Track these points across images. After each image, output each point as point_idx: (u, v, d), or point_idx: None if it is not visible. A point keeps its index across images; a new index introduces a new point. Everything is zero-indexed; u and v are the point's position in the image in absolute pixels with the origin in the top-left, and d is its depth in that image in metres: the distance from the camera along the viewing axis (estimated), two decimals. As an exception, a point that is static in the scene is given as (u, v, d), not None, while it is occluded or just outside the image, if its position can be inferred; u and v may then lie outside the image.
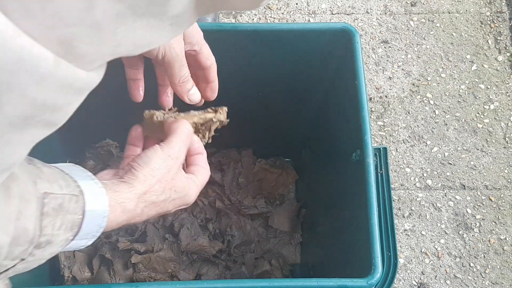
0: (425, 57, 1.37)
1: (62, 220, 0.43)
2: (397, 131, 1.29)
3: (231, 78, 0.90)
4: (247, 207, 1.02)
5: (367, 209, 0.67)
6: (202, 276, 0.98)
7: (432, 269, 1.16)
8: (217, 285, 0.64)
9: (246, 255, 1.01)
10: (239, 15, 1.39)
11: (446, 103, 1.32)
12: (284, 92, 0.93)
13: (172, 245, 0.98)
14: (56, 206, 0.42)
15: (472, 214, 1.22)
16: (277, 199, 1.05)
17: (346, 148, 0.76)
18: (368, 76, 1.34)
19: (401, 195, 1.23)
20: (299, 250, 1.03)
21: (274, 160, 1.09)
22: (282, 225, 1.03)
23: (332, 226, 0.89)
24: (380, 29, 1.39)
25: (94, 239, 0.48)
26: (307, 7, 1.41)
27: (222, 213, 1.03)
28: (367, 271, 0.63)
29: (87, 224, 0.46)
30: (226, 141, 1.06)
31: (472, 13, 1.43)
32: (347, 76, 0.78)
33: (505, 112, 1.32)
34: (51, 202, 0.42)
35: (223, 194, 1.03)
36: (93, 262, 0.97)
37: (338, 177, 0.85)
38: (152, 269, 0.96)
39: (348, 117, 0.77)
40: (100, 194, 0.47)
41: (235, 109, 0.98)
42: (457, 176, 1.25)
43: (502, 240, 1.19)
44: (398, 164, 1.26)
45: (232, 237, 1.01)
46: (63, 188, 0.44)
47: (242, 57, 0.84)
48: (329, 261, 0.89)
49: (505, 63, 1.37)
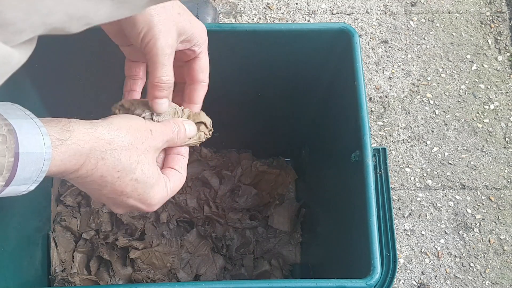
0: (425, 57, 1.37)
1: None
2: (397, 131, 1.29)
3: (231, 78, 0.90)
4: (233, 220, 1.02)
5: (366, 209, 0.67)
6: (200, 277, 0.98)
7: (432, 269, 1.16)
8: (217, 285, 0.64)
9: (246, 257, 1.01)
10: (239, 15, 1.39)
11: (446, 103, 1.32)
12: (284, 92, 0.93)
13: (170, 240, 0.98)
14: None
15: (472, 214, 1.21)
16: (276, 199, 1.05)
17: (345, 148, 0.76)
18: (368, 76, 1.34)
19: (401, 195, 1.23)
20: (299, 250, 1.03)
21: (272, 160, 1.09)
22: (281, 225, 1.03)
23: (332, 226, 0.89)
24: (380, 29, 1.39)
25: (37, 184, 0.42)
26: (307, 7, 1.41)
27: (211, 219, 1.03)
28: (366, 271, 0.63)
29: (23, 168, 0.40)
30: (226, 141, 1.06)
31: (472, 13, 1.43)
32: (346, 76, 0.78)
33: (505, 112, 1.32)
34: None
35: (212, 201, 1.03)
36: (90, 264, 0.97)
37: (338, 177, 0.85)
38: (151, 264, 0.96)
39: (348, 117, 0.77)
40: (39, 134, 0.41)
41: (235, 109, 0.98)
42: (457, 176, 1.25)
43: (502, 240, 1.19)
44: (398, 164, 1.26)
45: (232, 240, 1.01)
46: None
47: (242, 57, 0.84)
48: (328, 261, 0.89)
49: (505, 63, 1.37)
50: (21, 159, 0.39)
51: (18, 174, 0.40)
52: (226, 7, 1.40)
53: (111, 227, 1.00)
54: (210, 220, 1.02)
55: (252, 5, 1.40)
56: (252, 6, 1.40)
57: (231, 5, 1.40)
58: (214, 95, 0.94)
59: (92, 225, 1.00)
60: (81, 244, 0.99)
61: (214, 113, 0.98)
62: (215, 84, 0.91)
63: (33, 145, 0.40)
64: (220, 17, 1.38)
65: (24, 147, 0.39)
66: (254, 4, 1.40)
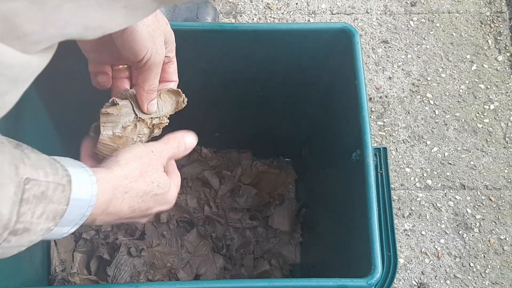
0: (425, 57, 1.37)
1: (43, 208, 0.40)
2: (397, 131, 1.29)
3: (231, 78, 0.90)
4: (233, 220, 1.02)
5: (367, 209, 0.67)
6: (201, 277, 0.98)
7: (432, 269, 1.16)
8: (217, 285, 0.64)
9: (246, 257, 1.01)
10: (239, 15, 1.39)
11: (446, 103, 1.32)
12: (284, 92, 0.93)
13: (170, 240, 0.98)
14: (39, 193, 0.39)
15: (472, 214, 1.21)
16: (276, 199, 1.05)
17: (346, 148, 0.76)
18: (368, 76, 1.34)
19: (401, 195, 1.23)
20: (299, 250, 1.03)
21: (272, 160, 1.09)
22: (282, 225, 1.03)
23: (332, 226, 0.89)
24: (380, 29, 1.39)
25: (77, 227, 0.46)
26: (307, 7, 1.41)
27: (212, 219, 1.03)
28: (367, 271, 0.63)
29: (70, 213, 0.43)
30: (226, 141, 1.06)
31: (472, 13, 1.43)
32: (347, 76, 0.78)
33: (505, 112, 1.32)
34: (32, 188, 0.39)
35: (212, 201, 1.03)
36: (90, 264, 0.97)
37: (338, 177, 0.85)
38: (151, 265, 0.96)
39: (348, 117, 0.77)
40: (89, 182, 0.45)
41: (235, 109, 0.98)
42: (457, 176, 1.25)
43: (502, 240, 1.19)
44: (398, 164, 1.26)
45: (232, 240, 1.01)
46: (48, 175, 0.41)
47: (242, 57, 0.84)
48: (329, 261, 0.89)
49: (505, 63, 1.37)
50: (71, 205, 0.43)
51: (64, 217, 0.43)
52: (226, 7, 1.40)
53: (111, 227, 1.00)
54: (210, 220, 1.02)
55: (252, 5, 1.40)
56: (252, 6, 1.40)
57: (231, 5, 1.40)
58: (214, 95, 0.94)
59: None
60: (81, 244, 0.99)
61: (214, 113, 0.98)
62: (215, 84, 0.91)
63: (83, 193, 0.44)
64: (220, 17, 1.38)
65: (76, 193, 0.43)
66: (254, 4, 1.40)
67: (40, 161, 0.41)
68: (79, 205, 0.44)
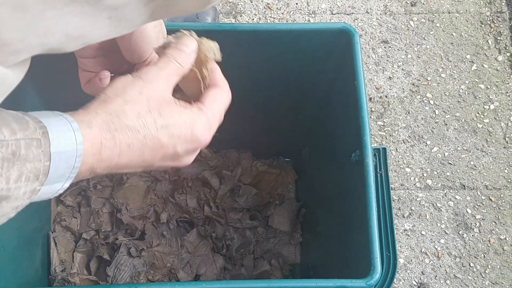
0: (425, 57, 1.37)
1: (19, 170, 0.36)
2: (397, 131, 1.29)
3: (230, 78, 0.90)
4: (233, 220, 1.02)
5: (366, 209, 0.67)
6: (200, 277, 0.98)
7: (432, 269, 1.16)
8: (217, 285, 0.64)
9: (246, 257, 1.01)
10: (239, 15, 1.39)
11: (446, 103, 1.32)
12: (284, 92, 0.93)
13: (170, 240, 0.98)
14: (8, 155, 0.35)
15: (472, 214, 1.21)
16: (276, 199, 1.05)
17: (346, 148, 0.76)
18: (368, 76, 1.34)
19: (401, 195, 1.23)
20: (299, 250, 1.03)
21: (272, 161, 1.09)
22: (281, 225, 1.03)
23: (332, 226, 0.89)
24: (380, 29, 1.39)
25: (71, 181, 0.40)
26: (307, 7, 1.41)
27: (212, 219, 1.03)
28: (367, 271, 0.63)
29: (55, 168, 0.38)
30: (226, 141, 1.06)
31: (472, 13, 1.43)
32: (346, 76, 0.78)
33: (505, 112, 1.32)
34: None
35: (212, 201, 1.03)
36: (90, 264, 0.97)
37: (338, 177, 0.85)
38: (151, 265, 0.96)
39: (348, 117, 0.77)
40: (70, 130, 0.39)
41: (235, 109, 0.98)
42: (457, 176, 1.25)
43: (502, 240, 1.19)
44: (398, 164, 1.26)
45: (232, 240, 1.01)
46: (16, 132, 0.36)
47: (242, 57, 0.84)
48: (329, 261, 0.89)
49: (505, 63, 1.37)
50: (54, 160, 0.38)
51: (50, 173, 0.38)
52: (226, 7, 1.40)
53: (111, 227, 1.00)
54: (210, 220, 1.02)
55: (252, 5, 1.40)
56: (252, 6, 1.40)
57: (231, 5, 1.40)
58: (214, 95, 0.94)
59: (92, 225, 1.00)
60: (81, 244, 0.99)
61: (214, 113, 0.98)
62: (215, 84, 0.91)
63: (66, 143, 0.38)
64: (220, 17, 1.38)
65: (56, 146, 0.38)
66: (254, 4, 1.40)
67: (3, 119, 0.36)
68: (64, 158, 0.38)
